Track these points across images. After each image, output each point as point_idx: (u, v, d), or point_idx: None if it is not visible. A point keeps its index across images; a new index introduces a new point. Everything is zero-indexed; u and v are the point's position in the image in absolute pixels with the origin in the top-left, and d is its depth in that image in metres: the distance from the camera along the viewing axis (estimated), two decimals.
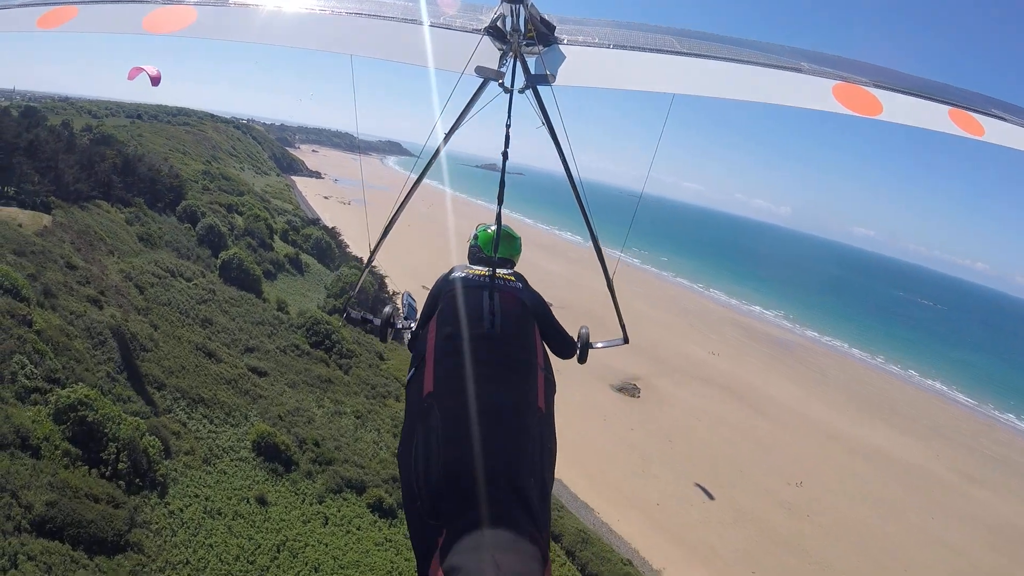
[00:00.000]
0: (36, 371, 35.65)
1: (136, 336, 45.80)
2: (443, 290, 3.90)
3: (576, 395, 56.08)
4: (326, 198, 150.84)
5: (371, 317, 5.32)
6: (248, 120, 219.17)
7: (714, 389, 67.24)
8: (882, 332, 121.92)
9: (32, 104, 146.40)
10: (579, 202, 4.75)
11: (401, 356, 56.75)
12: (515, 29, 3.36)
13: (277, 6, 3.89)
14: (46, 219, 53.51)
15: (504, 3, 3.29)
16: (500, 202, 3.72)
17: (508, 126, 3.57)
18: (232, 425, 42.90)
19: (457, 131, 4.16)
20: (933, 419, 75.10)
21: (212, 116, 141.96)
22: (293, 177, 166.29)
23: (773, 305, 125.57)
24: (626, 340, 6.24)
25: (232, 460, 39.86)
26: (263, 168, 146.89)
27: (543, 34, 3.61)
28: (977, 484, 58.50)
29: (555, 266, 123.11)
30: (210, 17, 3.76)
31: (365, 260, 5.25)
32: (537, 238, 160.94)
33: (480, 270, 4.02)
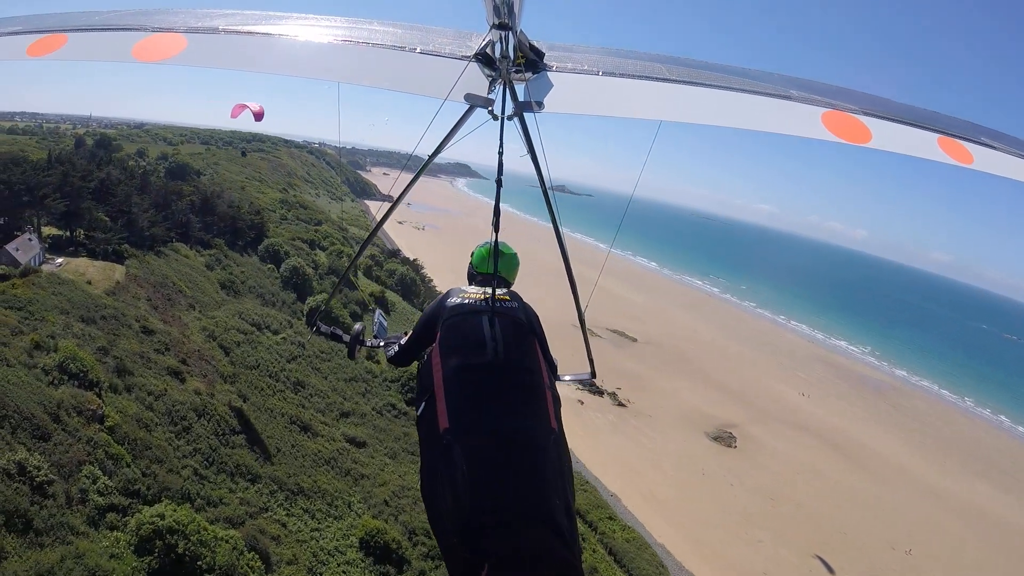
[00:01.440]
0: (111, 483, 28.53)
1: (224, 418, 37.98)
2: (440, 316, 3.74)
3: (672, 444, 54.73)
4: (400, 223, 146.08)
5: (340, 333, 5.19)
6: (319, 144, 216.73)
7: (809, 437, 63.42)
8: (971, 371, 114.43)
9: (107, 131, 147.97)
10: (556, 231, 4.61)
11: None
12: (504, 56, 3.28)
13: (267, 33, 3.85)
14: (119, 271, 46.29)
15: (493, 30, 3.15)
16: (496, 229, 3.65)
17: (500, 153, 3.47)
18: (335, 517, 36.52)
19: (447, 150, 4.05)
20: None
21: (285, 141, 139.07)
22: (367, 202, 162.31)
23: (858, 339, 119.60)
24: (593, 375, 6.08)
25: (339, 564, 33.33)
26: (337, 193, 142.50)
27: (532, 61, 3.54)
28: None
29: (638, 297, 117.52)
30: (200, 45, 3.70)
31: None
32: (611, 264, 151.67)
33: (475, 292, 3.87)
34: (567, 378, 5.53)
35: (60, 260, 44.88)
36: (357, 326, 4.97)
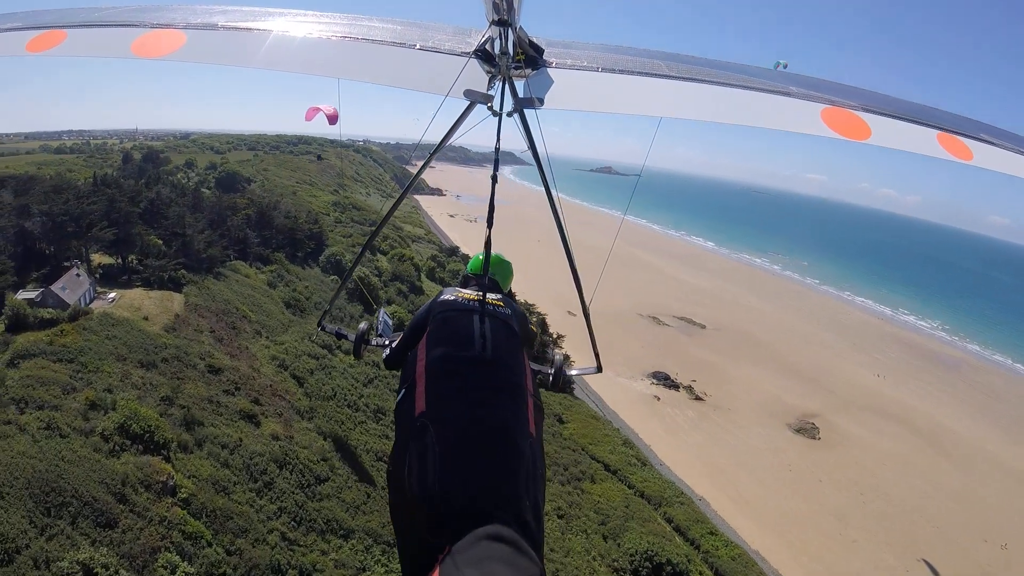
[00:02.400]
0: (192, 570, 24.24)
1: (308, 465, 33.12)
2: (432, 312, 3.61)
3: (755, 438, 52.79)
4: (452, 216, 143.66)
5: (345, 332, 5.18)
6: (364, 141, 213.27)
7: (891, 424, 60.65)
8: None
9: (154, 143, 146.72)
10: (558, 224, 4.52)
11: (580, 419, 50.54)
12: (503, 52, 3.25)
13: (266, 29, 3.80)
14: (177, 301, 41.75)
15: (493, 26, 3.13)
16: (490, 224, 3.63)
17: (497, 149, 3.57)
18: None
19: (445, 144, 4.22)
20: None
21: (332, 142, 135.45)
22: (416, 196, 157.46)
23: (925, 313, 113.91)
24: (599, 369, 5.71)
25: None
26: (387, 190, 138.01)
27: (531, 57, 3.52)
28: None
29: (700, 280, 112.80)
30: (199, 41, 3.69)
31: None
32: (669, 246, 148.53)
33: (469, 293, 3.73)
34: (573, 372, 5.40)
35: (113, 295, 40.48)
36: (362, 325, 4.71)
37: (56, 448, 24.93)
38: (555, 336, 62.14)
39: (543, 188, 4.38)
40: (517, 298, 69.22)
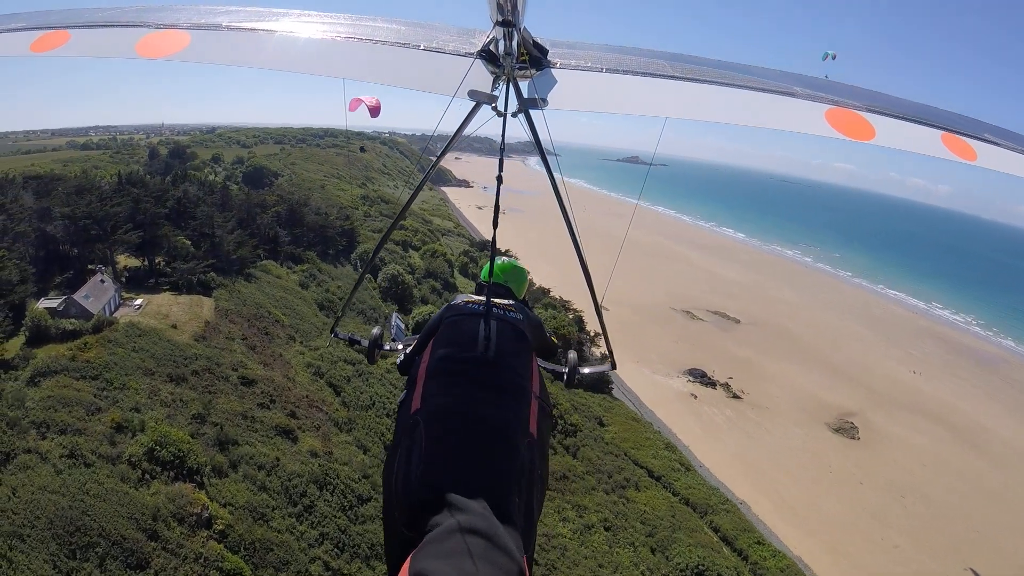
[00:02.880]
0: None
1: (349, 485, 30.72)
2: (443, 317, 3.62)
3: (794, 438, 51.96)
4: (480, 208, 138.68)
5: (359, 338, 5.14)
6: (389, 133, 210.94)
7: (929, 422, 59.42)
8: None
9: (180, 138, 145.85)
10: (568, 224, 4.31)
11: (620, 422, 48.47)
12: (508, 53, 3.28)
13: (270, 30, 3.80)
14: (207, 306, 39.43)
15: (497, 27, 3.13)
16: (495, 226, 3.67)
17: (502, 149, 3.54)
18: None
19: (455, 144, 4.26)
20: None
21: (358, 134, 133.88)
22: (443, 188, 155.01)
23: (960, 307, 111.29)
24: (613, 367, 5.66)
25: None
26: (415, 183, 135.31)
27: (536, 58, 3.53)
28: None
29: (732, 272, 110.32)
30: (203, 41, 3.69)
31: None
32: (699, 238, 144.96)
33: (479, 299, 3.73)
34: (586, 370, 4.96)
35: (139, 301, 38.23)
36: (375, 330, 4.59)
37: (80, 479, 22.60)
38: (592, 334, 59.98)
39: (557, 180, 4.09)
40: (553, 294, 68.12)
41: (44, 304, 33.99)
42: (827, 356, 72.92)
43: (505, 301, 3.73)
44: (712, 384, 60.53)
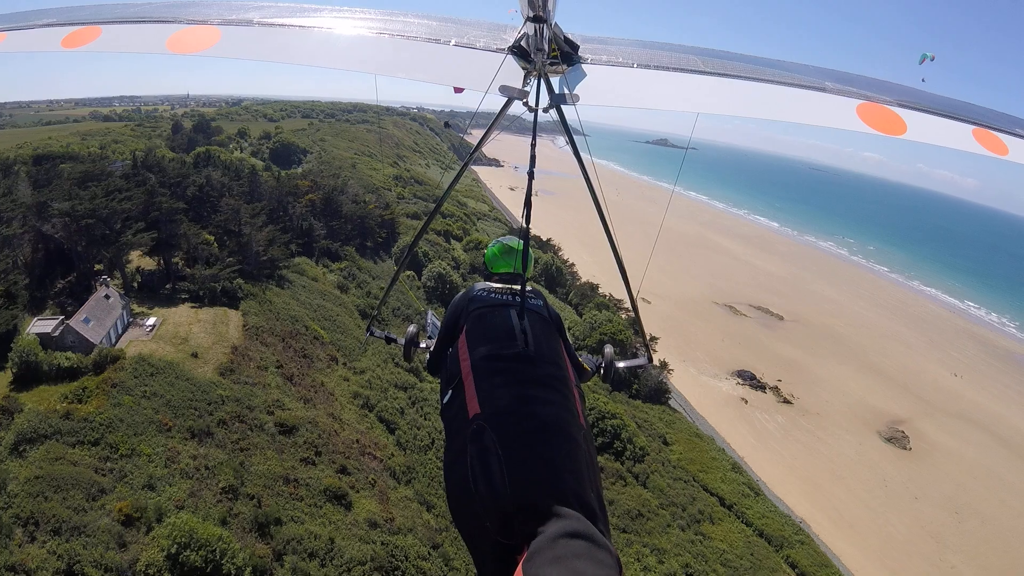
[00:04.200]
0: None
1: (417, 561, 24.55)
2: (465, 309, 3.50)
3: (847, 447, 50.48)
4: (512, 189, 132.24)
5: (394, 337, 5.00)
6: (418, 108, 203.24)
7: (976, 431, 57.58)
8: None
9: (206, 110, 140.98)
10: (602, 219, 4.11)
11: (683, 439, 45.73)
12: (539, 49, 3.15)
13: (302, 26, 3.75)
14: (234, 322, 32.68)
15: (528, 23, 2.97)
16: (527, 220, 3.45)
17: (533, 145, 3.39)
18: None
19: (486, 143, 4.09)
20: None
21: (388, 109, 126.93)
22: (474, 168, 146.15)
23: (995, 307, 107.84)
24: (650, 360, 5.52)
25: None
26: (445, 161, 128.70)
27: (567, 54, 3.38)
28: None
29: (771, 264, 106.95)
30: (234, 37, 3.62)
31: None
32: (735, 227, 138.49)
33: (501, 287, 3.66)
34: (622, 364, 4.79)
35: (152, 320, 31.32)
36: (411, 328, 4.40)
37: None
38: (649, 336, 53.09)
39: (590, 173, 3.88)
40: (602, 290, 66.89)
41: (36, 329, 27.16)
42: (871, 358, 70.85)
43: (528, 288, 3.59)
44: (762, 387, 58.25)
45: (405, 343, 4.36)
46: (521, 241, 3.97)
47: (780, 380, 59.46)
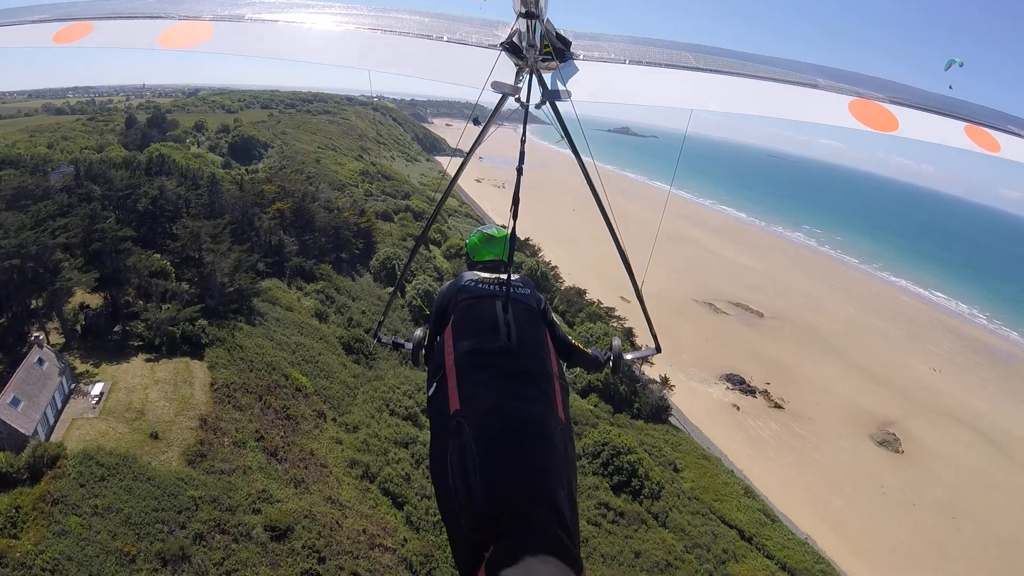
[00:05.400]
0: None
1: None
2: (454, 299, 3.50)
3: (842, 453, 49.80)
4: (478, 181, 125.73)
5: (402, 341, 4.78)
6: (378, 97, 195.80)
7: (962, 430, 57.53)
8: None
9: (161, 100, 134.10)
10: (602, 212, 4.26)
11: (693, 464, 43.38)
12: (531, 45, 3.14)
13: (294, 22, 3.71)
14: (199, 381, 26.86)
15: (520, 19, 3.06)
16: (514, 216, 3.31)
17: (523, 141, 3.34)
18: None
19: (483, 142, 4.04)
20: None
21: (348, 99, 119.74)
22: (438, 158, 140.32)
23: (962, 296, 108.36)
24: (658, 350, 5.29)
25: None
26: (411, 153, 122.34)
27: (559, 50, 3.40)
28: None
29: (744, 257, 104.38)
30: (226, 33, 3.57)
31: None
32: (705, 218, 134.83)
33: (488, 277, 3.63)
34: (629, 356, 4.74)
35: (99, 388, 24.90)
36: (418, 332, 4.19)
37: None
38: (645, 346, 52.11)
39: (590, 170, 4.01)
40: (590, 296, 63.02)
41: None
42: (852, 355, 70.25)
43: (514, 277, 3.58)
44: (752, 392, 56.88)
45: (413, 348, 4.17)
46: (502, 228, 4.07)
47: (769, 383, 58.18)
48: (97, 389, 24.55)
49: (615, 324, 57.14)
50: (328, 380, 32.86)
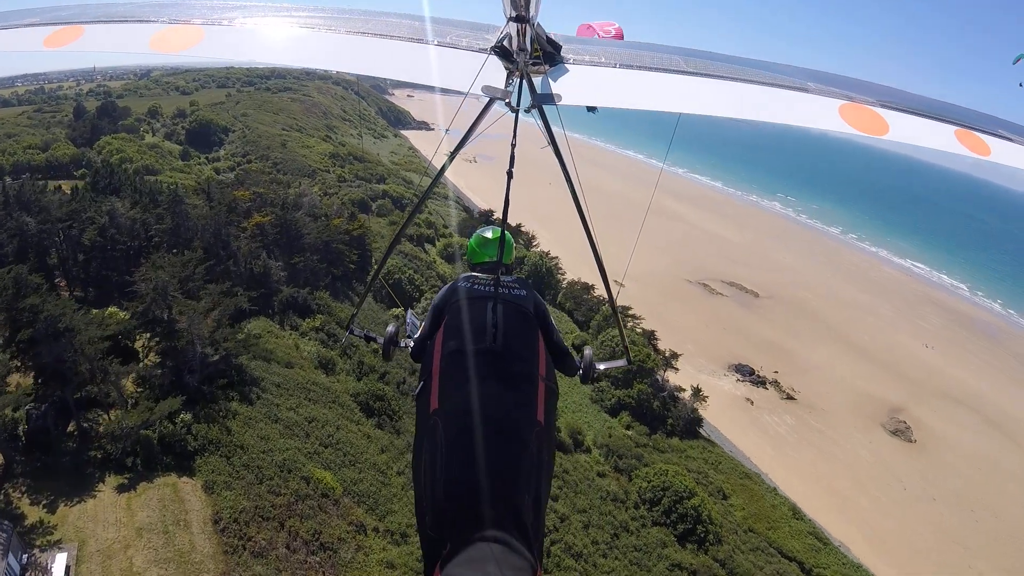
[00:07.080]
0: None
1: None
2: (448, 300, 3.53)
3: (858, 446, 49.34)
4: (446, 155, 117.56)
5: (374, 335, 4.75)
6: (336, 71, 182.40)
7: (966, 413, 57.20)
8: None
9: (112, 84, 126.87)
10: (582, 219, 4.05)
11: (738, 486, 41.81)
12: (521, 49, 3.03)
13: (283, 25, 3.61)
14: (196, 517, 19.04)
15: (510, 23, 2.93)
16: (504, 218, 3.39)
17: (513, 146, 3.19)
18: None
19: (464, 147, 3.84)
20: None
21: (307, 72, 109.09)
22: (404, 132, 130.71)
23: (939, 265, 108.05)
24: (629, 362, 5.44)
25: None
26: (378, 129, 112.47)
27: (549, 54, 3.30)
28: None
29: (728, 231, 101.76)
30: (217, 36, 3.47)
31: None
32: (678, 187, 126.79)
33: (485, 278, 3.68)
34: (601, 366, 4.66)
35: (62, 560, 16.49)
36: (390, 327, 4.29)
37: None
38: (667, 353, 51.16)
39: (573, 178, 3.75)
40: (597, 293, 59.99)
41: None
42: (848, 334, 69.45)
43: (509, 279, 3.61)
44: (762, 383, 55.74)
45: (384, 342, 4.16)
46: (497, 229, 4.05)
47: (777, 372, 57.28)
48: (60, 562, 15.99)
49: (630, 325, 51.82)
50: (356, 469, 24.80)
